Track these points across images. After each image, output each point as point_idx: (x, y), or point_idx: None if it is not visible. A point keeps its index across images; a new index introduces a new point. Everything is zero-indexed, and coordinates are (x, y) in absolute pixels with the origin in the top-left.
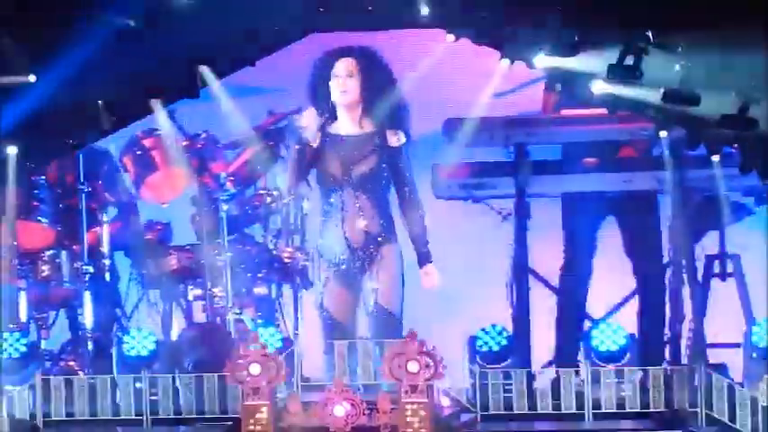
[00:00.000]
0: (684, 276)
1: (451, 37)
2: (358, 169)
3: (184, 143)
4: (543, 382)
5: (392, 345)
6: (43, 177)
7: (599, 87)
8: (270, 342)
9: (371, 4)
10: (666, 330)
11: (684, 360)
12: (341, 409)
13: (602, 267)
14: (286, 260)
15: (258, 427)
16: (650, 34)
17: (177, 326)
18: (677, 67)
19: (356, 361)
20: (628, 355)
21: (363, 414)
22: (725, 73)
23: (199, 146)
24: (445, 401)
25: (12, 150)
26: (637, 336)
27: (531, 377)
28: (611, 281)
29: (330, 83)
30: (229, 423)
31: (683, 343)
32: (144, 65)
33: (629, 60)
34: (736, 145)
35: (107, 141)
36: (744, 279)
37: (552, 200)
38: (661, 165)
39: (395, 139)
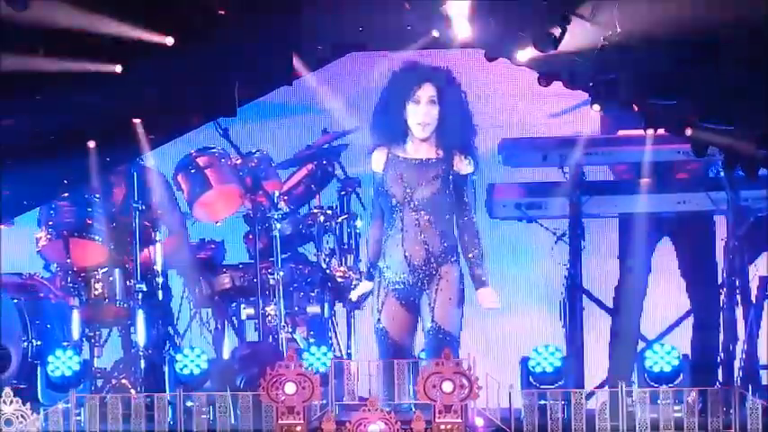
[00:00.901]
0: (738, 297)
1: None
2: (422, 192)
3: (238, 162)
4: (596, 402)
5: (427, 365)
6: (97, 195)
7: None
8: (323, 361)
9: (410, 24)
10: (720, 352)
11: (738, 382)
12: (375, 429)
13: (656, 288)
14: (339, 279)
15: None
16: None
17: (229, 345)
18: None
19: (410, 380)
20: (681, 376)
21: None
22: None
23: (252, 164)
24: (479, 422)
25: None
26: (690, 357)
27: (584, 398)
28: (666, 301)
29: (408, 106)
30: None
31: (737, 365)
32: (182, 82)
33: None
34: None
35: (146, 159)
36: None
37: (606, 220)
38: (716, 185)
39: (463, 167)
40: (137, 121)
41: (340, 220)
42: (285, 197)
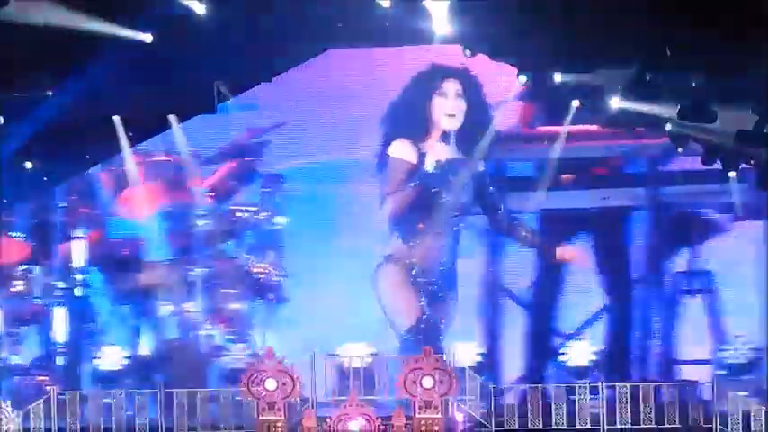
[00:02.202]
0: (655, 292)
1: (468, 52)
2: (455, 191)
3: (162, 158)
4: (512, 398)
5: (408, 360)
6: None
7: (616, 103)
8: (241, 357)
9: (389, 20)
10: (635, 347)
11: (653, 376)
12: (356, 425)
13: (573, 284)
14: (260, 276)
15: None
16: (668, 51)
17: (149, 341)
18: (693, 84)
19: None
20: (596, 371)
21: (378, 429)
22: (741, 90)
23: (176, 160)
24: (459, 417)
25: (28, 165)
26: (606, 352)
27: (499, 393)
28: (583, 297)
29: (434, 101)
30: None
31: (652, 359)
32: (161, 81)
33: (647, 77)
34: (752, 161)
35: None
36: (715, 296)
37: (527, 216)
38: (636, 181)
39: (481, 165)
40: (116, 118)
41: (262, 216)
42: (208, 193)
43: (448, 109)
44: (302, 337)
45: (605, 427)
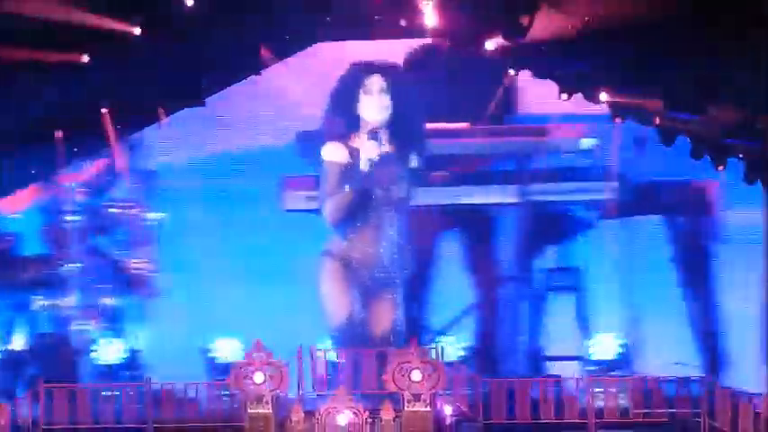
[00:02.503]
0: (524, 289)
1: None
2: (394, 193)
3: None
4: None
5: (396, 354)
6: None
7: (606, 96)
8: (114, 352)
9: (379, 14)
10: (504, 342)
11: (522, 372)
12: (344, 418)
13: (444, 279)
14: (133, 271)
15: None
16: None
17: (23, 336)
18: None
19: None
20: (468, 366)
21: (366, 423)
22: (730, 84)
23: (51, 155)
24: (448, 410)
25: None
26: (476, 347)
27: None
28: (452, 293)
29: (362, 98)
30: None
31: (521, 355)
32: (150, 73)
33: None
34: (741, 155)
35: None
36: (583, 293)
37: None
38: (507, 179)
39: (414, 161)
40: (104, 111)
41: (135, 212)
42: (82, 189)
43: (373, 105)
44: (177, 331)
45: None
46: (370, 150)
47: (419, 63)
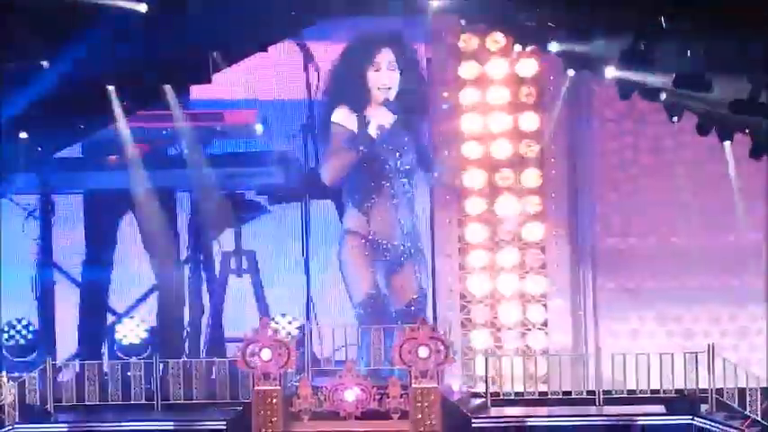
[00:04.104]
0: (203, 272)
1: (464, 22)
2: (405, 158)
3: None
4: (68, 375)
5: (402, 331)
6: None
7: (611, 73)
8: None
9: None
10: (186, 325)
11: (203, 353)
12: (351, 394)
13: (123, 263)
14: None
15: (269, 412)
16: (662, 20)
17: None
18: (689, 52)
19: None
20: (149, 348)
21: (374, 399)
22: (737, 59)
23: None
24: (455, 386)
25: (23, 135)
26: (158, 329)
27: (56, 370)
28: (133, 276)
29: (369, 74)
30: (239, 408)
31: (203, 337)
32: (157, 50)
33: (641, 46)
34: (747, 130)
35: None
36: (259, 275)
37: (76, 196)
38: (179, 163)
39: (434, 129)
40: (111, 88)
41: None
42: None
43: (381, 82)
44: None
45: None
46: (381, 118)
47: None
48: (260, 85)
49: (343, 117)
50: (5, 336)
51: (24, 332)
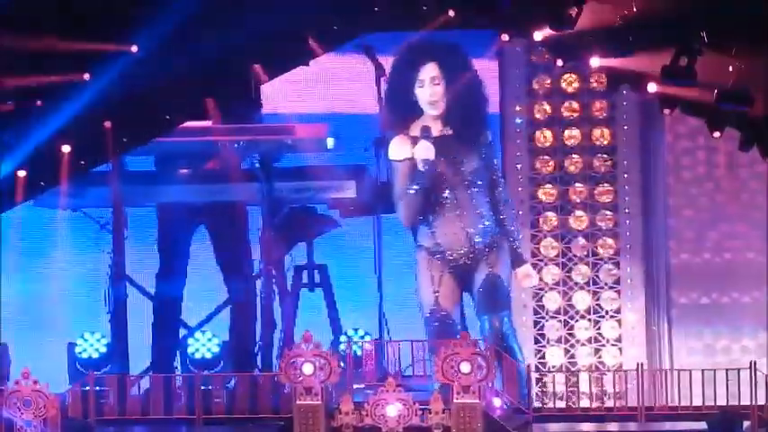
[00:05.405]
0: (275, 287)
1: (506, 36)
2: (466, 167)
3: None
4: (138, 389)
5: (445, 345)
6: None
7: (653, 88)
8: None
9: (426, 4)
10: (258, 339)
11: (276, 367)
12: (393, 410)
13: (196, 276)
14: None
15: (310, 427)
16: (704, 35)
17: None
18: (731, 68)
19: None
20: (222, 362)
21: (416, 414)
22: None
23: None
24: (497, 402)
25: (66, 149)
26: (230, 344)
27: (128, 383)
28: (206, 290)
29: (416, 90)
30: (281, 423)
31: (275, 351)
32: (199, 64)
33: (683, 62)
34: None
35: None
36: (331, 289)
37: (149, 209)
38: (250, 177)
39: (486, 137)
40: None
41: None
42: None
43: (427, 97)
44: None
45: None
46: (423, 152)
47: None
48: (332, 98)
49: (396, 151)
50: (78, 349)
51: (97, 345)
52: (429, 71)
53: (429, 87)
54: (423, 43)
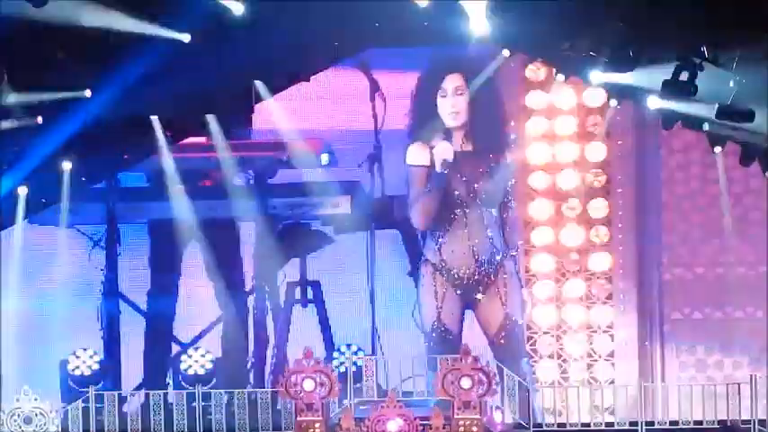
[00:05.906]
0: (267, 302)
1: (506, 52)
2: (481, 186)
3: None
4: (134, 404)
5: (444, 360)
6: None
7: (654, 103)
8: None
9: (427, 20)
10: (250, 355)
11: (269, 384)
12: (394, 425)
13: (188, 293)
14: None
15: None
16: (705, 50)
17: None
18: (731, 83)
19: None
20: (214, 379)
21: (416, 430)
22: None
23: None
24: (498, 417)
25: (66, 166)
26: (222, 360)
27: (121, 400)
28: (198, 306)
29: (438, 100)
30: None
31: (267, 367)
32: (200, 80)
33: (684, 76)
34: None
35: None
36: (324, 305)
37: (142, 226)
38: (243, 193)
39: (507, 158)
40: (154, 118)
41: None
42: None
43: (449, 107)
44: None
45: None
46: (443, 153)
47: None
48: (326, 114)
49: (414, 156)
50: (71, 366)
51: (90, 362)
52: (453, 81)
53: (452, 98)
54: (449, 54)
